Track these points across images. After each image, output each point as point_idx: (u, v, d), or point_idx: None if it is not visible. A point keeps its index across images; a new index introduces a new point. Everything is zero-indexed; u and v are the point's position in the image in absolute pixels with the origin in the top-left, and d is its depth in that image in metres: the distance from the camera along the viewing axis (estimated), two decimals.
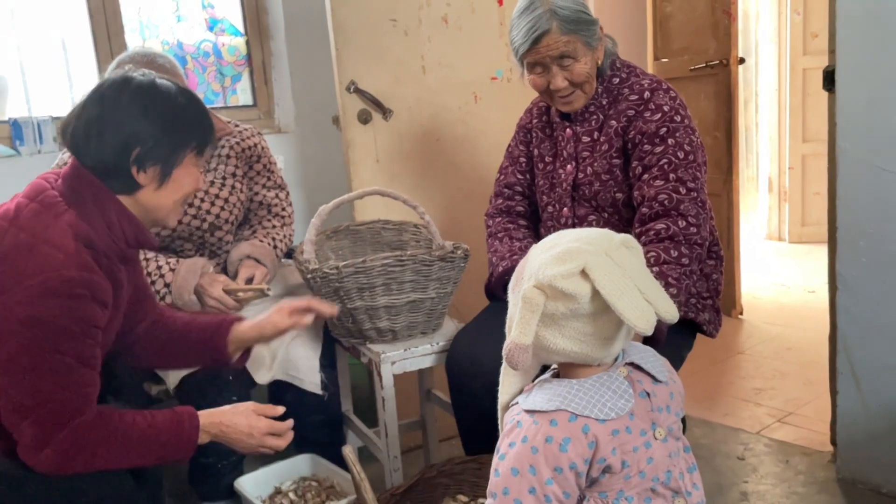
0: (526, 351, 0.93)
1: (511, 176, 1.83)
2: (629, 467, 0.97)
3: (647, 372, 1.02)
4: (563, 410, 0.96)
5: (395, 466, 1.73)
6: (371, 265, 1.60)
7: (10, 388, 1.16)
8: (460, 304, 2.01)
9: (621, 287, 0.91)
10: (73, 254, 1.17)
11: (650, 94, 1.61)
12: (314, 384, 1.79)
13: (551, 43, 1.55)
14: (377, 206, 2.13)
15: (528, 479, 0.94)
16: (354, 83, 2.21)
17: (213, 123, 1.37)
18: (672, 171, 1.54)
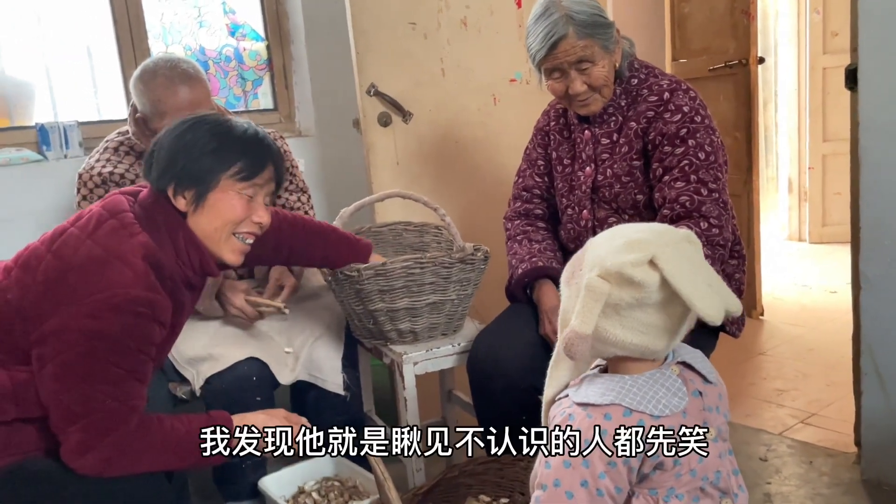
0: (586, 340, 0.93)
1: (529, 179, 1.84)
2: (680, 465, 0.97)
3: (697, 371, 1.03)
4: (617, 405, 0.96)
5: (417, 467, 1.74)
6: (391, 268, 1.61)
7: (62, 394, 1.20)
8: (481, 306, 2.02)
9: (690, 277, 0.92)
10: (141, 274, 1.22)
11: (670, 94, 1.60)
12: (336, 385, 1.80)
13: (568, 48, 1.55)
14: (398, 208, 2.15)
15: (580, 471, 0.94)
16: (374, 86, 2.23)
17: (267, 154, 1.37)
18: (693, 172, 1.53)
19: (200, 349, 1.71)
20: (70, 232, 1.28)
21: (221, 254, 1.36)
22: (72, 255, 1.23)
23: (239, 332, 1.79)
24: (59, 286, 1.21)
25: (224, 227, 1.34)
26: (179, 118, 1.78)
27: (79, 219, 1.31)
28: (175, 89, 1.77)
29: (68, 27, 2.41)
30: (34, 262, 1.25)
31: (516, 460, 1.58)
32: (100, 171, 1.83)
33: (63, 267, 1.22)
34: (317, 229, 1.69)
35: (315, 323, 1.88)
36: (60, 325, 1.19)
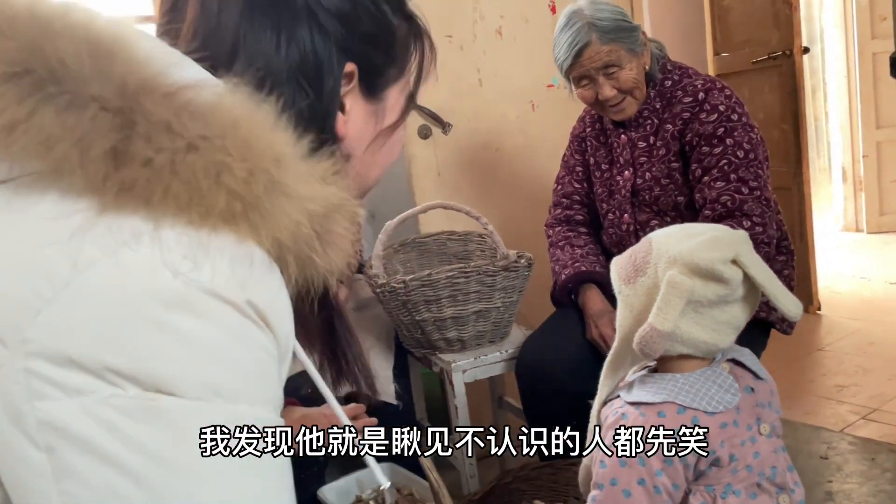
0: (665, 338, 0.93)
1: (568, 185, 1.85)
2: (737, 461, 0.97)
3: (747, 368, 1.03)
4: (670, 403, 0.96)
5: (471, 473, 1.76)
6: (436, 278, 1.64)
7: None
8: (527, 311, 2.03)
9: (769, 275, 0.94)
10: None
11: (704, 94, 1.59)
12: (389, 394, 1.84)
13: (593, 54, 1.57)
14: (441, 218, 2.18)
15: (637, 469, 0.95)
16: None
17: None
18: (732, 171, 1.52)
19: None
20: None
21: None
22: None
23: None
24: None
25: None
26: None
27: None
28: None
29: None
30: None
31: (570, 464, 1.59)
32: None
33: None
34: None
35: (365, 334, 1.92)
36: None
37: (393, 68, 0.70)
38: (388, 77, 0.70)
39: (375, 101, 0.69)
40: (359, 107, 0.68)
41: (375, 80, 0.69)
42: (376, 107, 0.70)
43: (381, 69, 0.69)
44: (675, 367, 1.01)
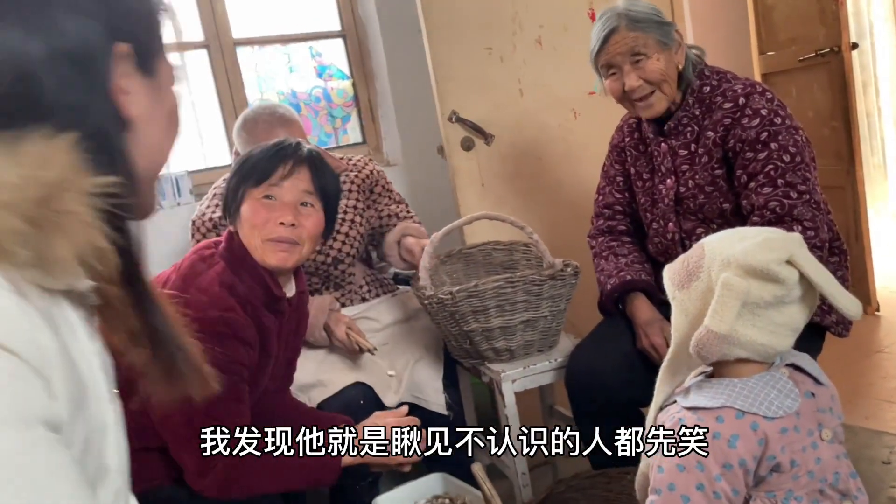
0: (723, 340, 0.93)
1: (609, 196, 1.84)
2: (798, 466, 0.96)
3: (807, 373, 1.02)
4: (728, 408, 0.96)
5: (523, 483, 1.76)
6: (483, 288, 1.65)
7: (169, 420, 1.31)
8: (576, 320, 2.03)
9: (826, 275, 0.94)
10: (216, 297, 1.32)
11: (745, 99, 1.57)
12: (439, 405, 1.86)
13: (619, 40, 1.58)
14: (486, 229, 2.20)
15: (695, 474, 0.94)
16: (455, 113, 2.29)
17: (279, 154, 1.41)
18: (779, 176, 1.50)
19: (310, 376, 1.81)
20: (164, 273, 1.43)
21: (265, 261, 1.39)
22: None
23: (344, 358, 1.88)
24: None
25: (252, 233, 1.38)
26: None
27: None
28: (276, 132, 1.90)
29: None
30: None
31: (624, 473, 1.58)
32: (210, 216, 1.98)
33: None
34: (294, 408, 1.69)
35: (415, 345, 1.95)
36: None
37: (157, 42, 0.70)
38: (155, 50, 0.69)
39: (151, 77, 0.68)
40: (139, 86, 0.66)
41: (147, 57, 0.67)
42: (154, 82, 0.68)
43: (149, 43, 0.68)
44: (732, 372, 1.00)
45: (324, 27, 2.83)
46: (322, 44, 2.84)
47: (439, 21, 2.25)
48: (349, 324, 1.86)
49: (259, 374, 1.44)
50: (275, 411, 1.56)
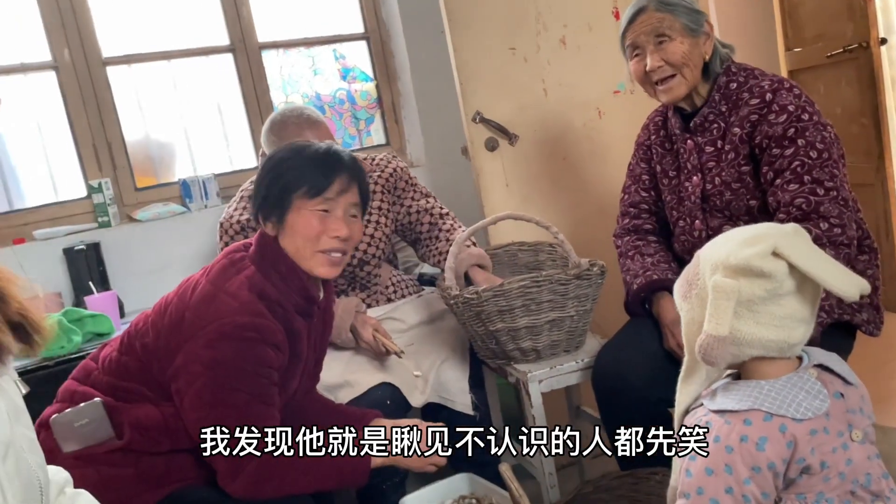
0: (723, 343, 0.93)
1: (635, 195, 1.83)
2: (828, 468, 0.95)
3: (836, 374, 1.01)
4: (756, 410, 0.95)
5: (551, 483, 1.76)
6: (509, 288, 1.65)
7: (201, 423, 1.31)
8: (602, 320, 2.02)
9: (816, 259, 0.93)
10: (245, 303, 1.33)
11: (772, 95, 1.55)
12: (465, 405, 1.86)
13: (646, 19, 1.60)
14: (511, 230, 2.20)
15: (724, 478, 0.94)
16: (479, 113, 2.30)
17: (334, 168, 1.40)
18: (806, 172, 1.48)
19: (337, 376, 1.82)
20: (193, 277, 1.43)
21: (313, 271, 1.40)
22: (189, 296, 1.37)
23: (371, 358, 1.89)
24: (180, 324, 1.34)
25: (305, 245, 1.39)
26: None
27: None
28: (304, 135, 1.91)
29: (200, 90, 2.65)
30: (164, 307, 1.40)
31: (652, 473, 1.57)
32: (238, 219, 2.00)
33: (183, 307, 1.36)
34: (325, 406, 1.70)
35: (440, 346, 1.95)
36: (185, 359, 1.32)
37: None
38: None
39: None
40: None
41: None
42: None
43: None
44: (757, 373, 1.00)
45: (347, 30, 2.85)
46: (346, 46, 2.86)
47: (463, 22, 2.25)
48: (376, 326, 1.87)
49: (289, 376, 1.45)
50: (304, 410, 1.58)
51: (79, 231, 2.36)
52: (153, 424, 1.35)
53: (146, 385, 1.37)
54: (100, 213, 2.40)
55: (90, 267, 2.27)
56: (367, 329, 1.85)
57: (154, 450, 1.35)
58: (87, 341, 2.01)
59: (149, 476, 1.34)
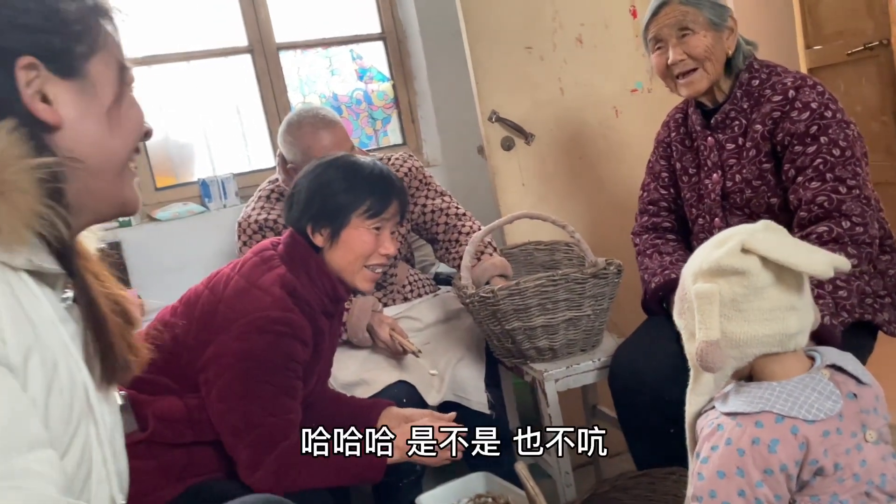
0: (717, 347, 0.94)
1: (654, 192, 1.83)
2: (842, 470, 0.94)
3: (849, 374, 1.00)
4: (767, 412, 0.95)
5: (567, 482, 1.76)
6: (525, 287, 1.65)
7: (227, 414, 1.35)
8: (619, 320, 2.02)
9: (786, 247, 0.93)
10: (278, 298, 1.37)
11: (795, 92, 1.54)
12: (481, 404, 1.86)
13: (669, 12, 1.58)
14: (527, 229, 2.19)
15: (736, 481, 0.94)
16: (495, 112, 2.30)
17: (391, 191, 1.48)
18: (828, 170, 1.47)
19: (353, 375, 1.83)
20: (223, 271, 1.47)
21: (355, 283, 1.49)
22: (222, 290, 1.41)
23: (387, 357, 1.90)
24: (213, 317, 1.38)
25: (356, 260, 1.46)
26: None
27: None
28: (320, 135, 1.93)
29: (219, 90, 2.67)
30: (194, 299, 1.44)
31: (668, 473, 1.57)
32: (256, 218, 2.02)
33: (215, 300, 1.40)
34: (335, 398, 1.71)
35: (456, 345, 1.95)
36: (216, 351, 1.35)
37: (80, 45, 0.76)
38: (78, 54, 0.76)
39: (78, 79, 0.75)
40: (62, 90, 0.74)
41: (65, 61, 0.74)
42: (82, 84, 0.76)
43: (65, 50, 0.75)
44: (767, 374, 0.99)
45: (364, 30, 2.86)
46: (363, 47, 2.87)
47: (479, 21, 2.26)
48: (392, 325, 1.88)
49: (309, 373, 1.48)
50: (316, 403, 1.60)
51: (99, 231, 2.38)
52: (177, 416, 1.38)
53: (171, 377, 1.40)
54: None
55: (111, 266, 2.30)
56: (384, 328, 1.86)
57: (177, 441, 1.38)
58: None
59: (170, 469, 1.36)
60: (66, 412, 0.69)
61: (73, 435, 0.70)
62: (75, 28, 0.76)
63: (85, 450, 0.72)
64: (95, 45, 0.77)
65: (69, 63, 0.75)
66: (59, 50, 0.74)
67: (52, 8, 0.74)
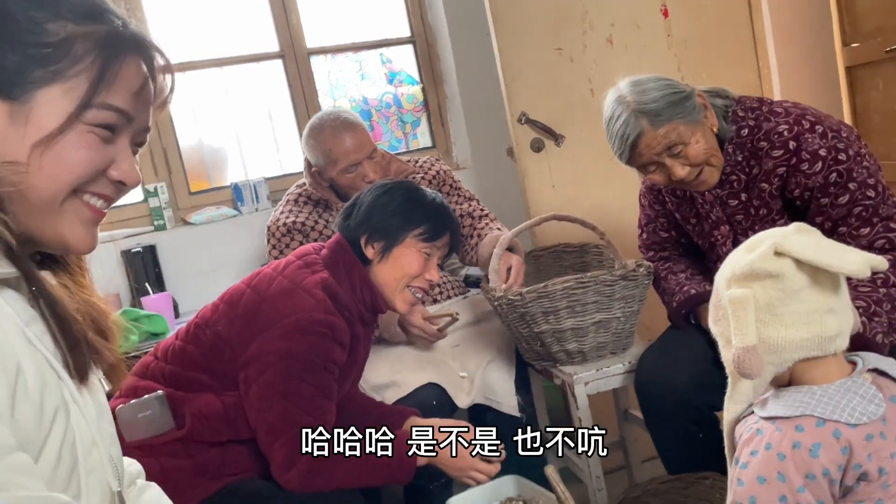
0: (754, 353, 0.92)
1: (654, 235, 1.80)
2: (888, 475, 0.92)
3: (892, 378, 0.98)
4: (808, 416, 0.93)
5: (598, 486, 1.74)
6: (553, 289, 1.64)
7: (265, 412, 1.36)
8: (650, 322, 1.99)
9: (819, 246, 0.91)
10: (321, 301, 1.40)
11: (796, 142, 1.45)
12: (512, 407, 1.85)
13: (650, 142, 1.46)
14: (556, 231, 2.18)
15: (777, 486, 0.92)
16: (525, 114, 2.29)
17: (447, 222, 1.54)
18: (873, 214, 1.42)
19: (384, 377, 1.84)
20: (265, 272, 1.50)
21: (394, 302, 1.53)
22: (266, 289, 1.43)
23: (417, 359, 1.90)
24: (256, 316, 1.40)
25: (402, 278, 1.51)
26: (349, 161, 1.97)
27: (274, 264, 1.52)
28: (341, 138, 1.95)
29: (251, 95, 2.71)
30: (236, 298, 1.46)
31: (701, 478, 1.55)
32: (284, 221, 2.04)
33: (259, 299, 1.42)
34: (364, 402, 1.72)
35: (486, 347, 1.95)
36: (259, 349, 1.37)
37: (39, 70, 0.70)
38: (31, 78, 0.70)
39: (14, 102, 0.70)
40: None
41: (9, 81, 0.69)
42: (14, 108, 0.70)
43: (16, 70, 0.70)
44: (808, 379, 0.97)
45: (394, 34, 2.88)
46: (392, 50, 2.89)
47: (508, 23, 2.25)
48: (423, 311, 1.89)
49: (344, 377, 1.51)
50: (346, 407, 1.61)
51: (136, 234, 2.44)
52: (214, 413, 1.40)
53: (209, 374, 1.43)
54: (155, 216, 2.47)
55: (146, 269, 2.35)
56: (416, 315, 1.86)
57: (213, 440, 1.40)
58: (143, 341, 2.07)
59: (206, 468, 1.38)
60: (36, 411, 0.68)
61: (49, 431, 0.70)
62: (45, 51, 0.71)
63: (65, 444, 0.71)
64: (60, 73, 0.71)
65: (13, 85, 0.70)
66: (10, 70, 0.70)
67: (36, 23, 0.70)
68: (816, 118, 1.47)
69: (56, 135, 0.71)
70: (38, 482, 0.66)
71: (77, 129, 0.72)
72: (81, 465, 0.74)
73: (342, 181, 2.01)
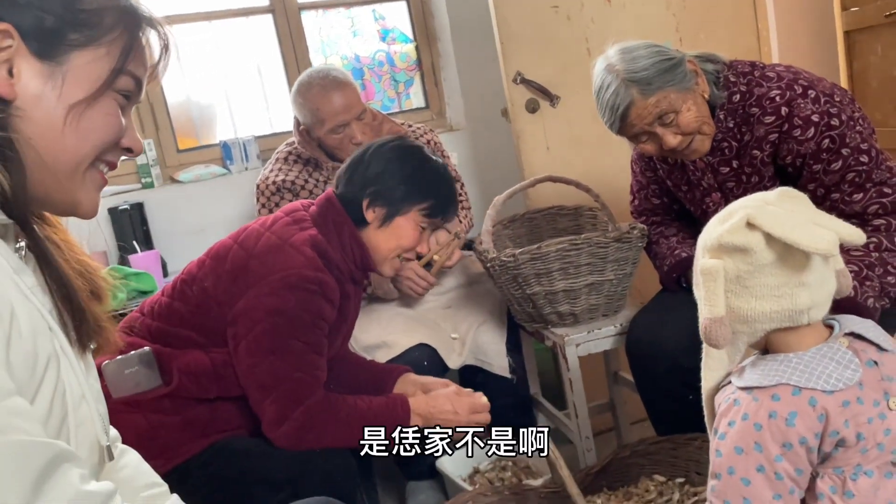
0: (723, 323, 0.92)
1: (646, 202, 1.78)
2: (865, 440, 0.92)
3: (870, 341, 0.97)
4: (784, 384, 0.92)
5: (587, 447, 1.76)
6: (546, 251, 1.63)
7: (255, 368, 1.36)
8: (642, 286, 1.99)
9: (791, 222, 0.89)
10: (310, 258, 1.39)
11: (788, 108, 1.42)
12: (503, 368, 1.86)
13: (640, 112, 1.43)
14: (551, 193, 2.16)
15: (754, 456, 0.92)
16: (521, 74, 2.25)
17: (451, 201, 1.55)
18: (866, 179, 1.40)
19: (375, 337, 1.83)
20: (252, 227, 1.48)
21: (382, 266, 1.53)
22: (253, 245, 1.42)
23: (408, 320, 1.89)
24: (244, 272, 1.39)
25: (396, 248, 1.51)
26: (336, 122, 1.94)
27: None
28: (330, 97, 1.92)
29: (240, 51, 2.65)
30: (223, 253, 1.45)
31: (690, 439, 1.56)
32: (273, 179, 2.01)
33: (246, 255, 1.41)
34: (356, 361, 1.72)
35: (478, 309, 1.95)
36: (247, 305, 1.36)
37: (75, 33, 0.72)
38: (68, 40, 0.72)
39: (52, 63, 0.72)
40: (30, 68, 0.71)
41: (48, 43, 0.71)
42: (53, 69, 0.72)
43: (54, 32, 0.72)
44: (783, 346, 0.97)
45: None
46: (385, 7, 2.82)
47: None
48: (414, 265, 1.87)
49: (334, 335, 1.50)
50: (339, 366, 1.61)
51: (123, 192, 2.40)
52: (202, 370, 1.39)
53: (196, 330, 1.42)
54: (143, 174, 2.43)
55: (134, 226, 2.31)
56: (407, 268, 1.84)
57: (202, 396, 1.39)
58: (131, 299, 2.05)
59: (194, 424, 1.38)
60: (29, 359, 0.68)
61: (41, 380, 0.70)
62: (81, 16, 0.73)
63: (56, 395, 0.72)
64: (94, 38, 0.74)
65: (51, 45, 0.72)
66: (48, 29, 0.71)
67: None
68: (809, 82, 1.44)
69: (96, 97, 0.74)
70: (37, 426, 0.66)
71: (108, 95, 0.76)
72: (71, 417, 0.74)
73: (329, 141, 1.97)
